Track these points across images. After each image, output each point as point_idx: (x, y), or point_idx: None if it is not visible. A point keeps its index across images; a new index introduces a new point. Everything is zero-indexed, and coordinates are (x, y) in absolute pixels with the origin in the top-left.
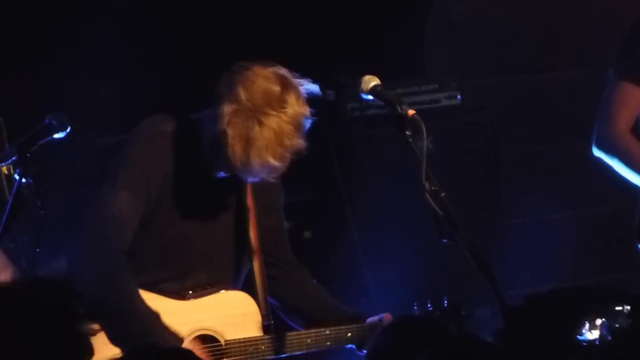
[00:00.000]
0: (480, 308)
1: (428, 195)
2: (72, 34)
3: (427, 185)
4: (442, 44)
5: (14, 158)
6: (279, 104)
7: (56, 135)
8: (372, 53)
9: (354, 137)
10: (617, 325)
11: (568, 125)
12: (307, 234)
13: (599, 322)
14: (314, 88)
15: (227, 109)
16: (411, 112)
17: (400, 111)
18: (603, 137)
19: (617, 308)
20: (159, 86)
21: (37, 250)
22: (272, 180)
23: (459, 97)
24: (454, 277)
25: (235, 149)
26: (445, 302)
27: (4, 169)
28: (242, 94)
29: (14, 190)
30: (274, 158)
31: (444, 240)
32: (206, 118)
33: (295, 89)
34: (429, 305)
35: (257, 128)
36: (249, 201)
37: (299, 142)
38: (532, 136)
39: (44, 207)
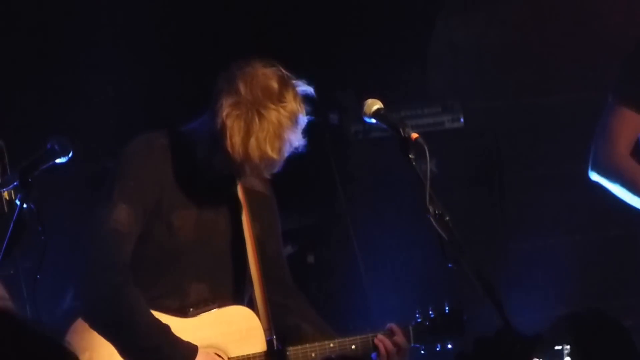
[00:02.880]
0: (487, 333)
1: (432, 219)
2: (74, 56)
3: (431, 209)
4: (445, 67)
5: (15, 183)
6: (278, 98)
7: (58, 160)
8: (375, 76)
9: (357, 160)
10: None
11: (572, 148)
12: (310, 258)
13: None
14: (310, 90)
15: (227, 101)
16: (414, 135)
17: (403, 134)
18: (602, 162)
19: (557, 347)
20: (162, 108)
21: (38, 276)
22: (268, 177)
23: (462, 119)
24: (459, 301)
25: (234, 140)
26: (447, 307)
27: (5, 195)
28: (242, 88)
29: (15, 216)
30: (272, 151)
31: (450, 265)
32: (202, 121)
33: (293, 87)
34: (430, 311)
35: (256, 120)
36: (246, 217)
37: (297, 138)
38: (537, 159)
39: (45, 232)
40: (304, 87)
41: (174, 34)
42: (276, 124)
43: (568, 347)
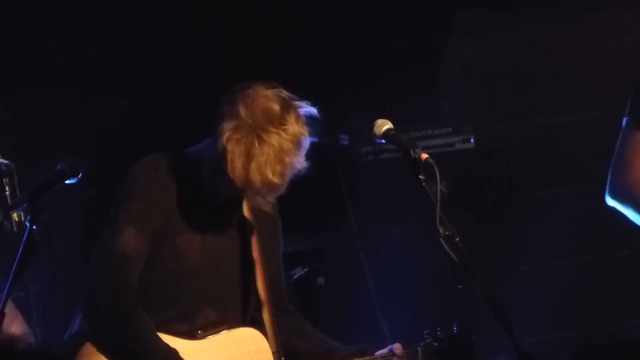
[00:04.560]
0: (497, 355)
1: (442, 240)
2: (82, 78)
3: (441, 230)
4: (456, 88)
5: (25, 205)
6: (279, 121)
7: (68, 182)
8: (385, 96)
9: (367, 180)
10: None
11: (583, 168)
12: (320, 280)
13: None
14: (313, 111)
15: (228, 125)
16: (425, 156)
17: (413, 155)
18: (617, 186)
19: None
20: (169, 128)
21: (48, 298)
22: (272, 200)
23: (472, 140)
24: (469, 323)
25: (235, 164)
26: (455, 328)
27: (15, 216)
28: (242, 111)
29: (24, 238)
30: (274, 175)
31: (460, 286)
32: (206, 143)
33: (295, 109)
34: (438, 332)
35: (257, 144)
36: (254, 238)
37: (299, 161)
38: (548, 180)
39: (55, 254)
40: (307, 108)
41: (181, 56)
42: (277, 147)
43: None
